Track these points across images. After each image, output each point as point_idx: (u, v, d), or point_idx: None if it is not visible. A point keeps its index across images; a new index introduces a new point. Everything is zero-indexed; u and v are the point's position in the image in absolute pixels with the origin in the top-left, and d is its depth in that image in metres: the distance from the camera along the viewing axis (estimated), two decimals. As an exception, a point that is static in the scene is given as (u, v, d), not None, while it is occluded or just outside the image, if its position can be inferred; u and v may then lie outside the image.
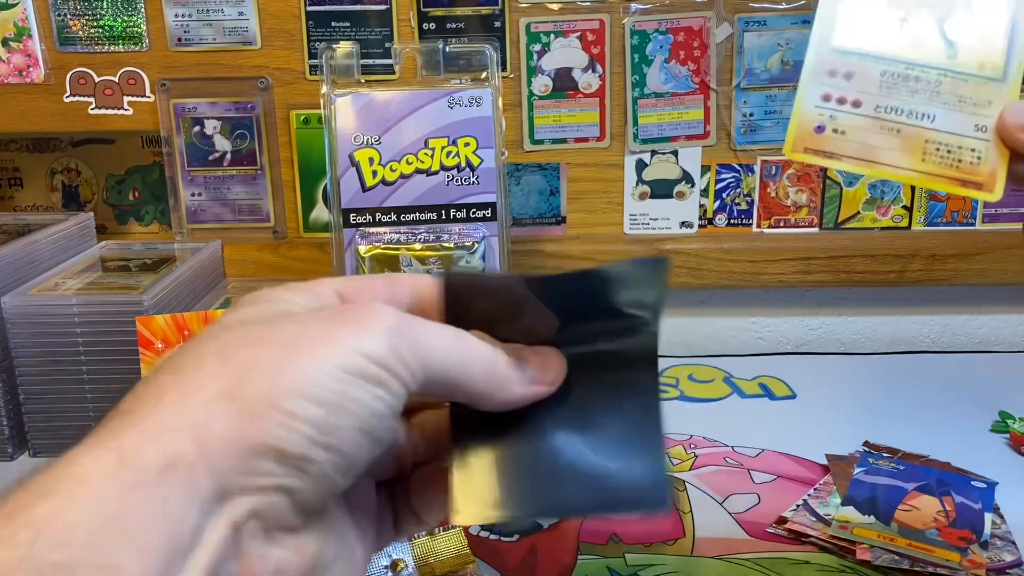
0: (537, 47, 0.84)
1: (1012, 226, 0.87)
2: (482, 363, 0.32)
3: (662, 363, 0.83)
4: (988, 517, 0.56)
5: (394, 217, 0.66)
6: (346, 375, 0.27)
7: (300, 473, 0.26)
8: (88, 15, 0.84)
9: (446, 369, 0.31)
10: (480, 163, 0.67)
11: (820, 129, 0.38)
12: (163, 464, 0.24)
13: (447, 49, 0.70)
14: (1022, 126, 0.36)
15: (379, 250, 0.65)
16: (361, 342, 0.28)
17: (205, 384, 0.26)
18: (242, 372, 0.27)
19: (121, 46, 0.84)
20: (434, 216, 0.67)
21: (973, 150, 0.38)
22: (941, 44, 0.38)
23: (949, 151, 0.38)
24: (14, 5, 0.83)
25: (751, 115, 0.85)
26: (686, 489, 0.62)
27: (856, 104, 0.38)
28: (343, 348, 0.28)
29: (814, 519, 0.57)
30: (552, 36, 0.84)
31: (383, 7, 0.83)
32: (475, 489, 0.34)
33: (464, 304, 0.33)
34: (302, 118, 0.86)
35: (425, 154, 0.66)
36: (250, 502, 0.26)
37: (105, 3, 0.83)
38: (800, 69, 0.88)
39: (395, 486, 0.38)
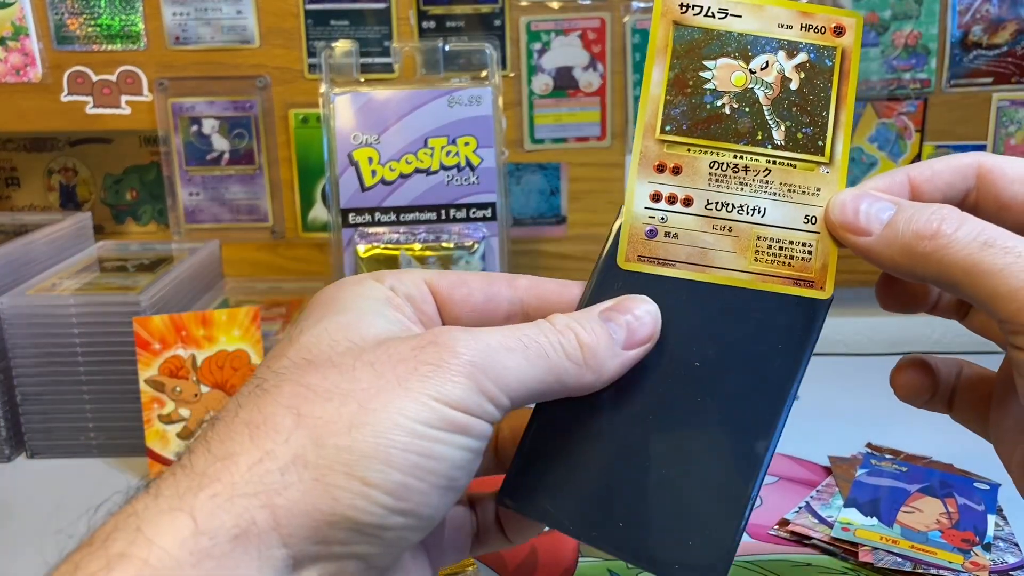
0: (537, 46, 0.84)
1: (1015, 226, 0.87)
2: (569, 359, 0.30)
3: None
4: (991, 519, 0.56)
5: (393, 217, 0.66)
6: (427, 430, 0.26)
7: (375, 540, 0.26)
8: (86, 14, 0.83)
9: (534, 387, 0.30)
10: (480, 163, 0.66)
11: (652, 234, 0.36)
12: (236, 532, 0.24)
13: (447, 48, 0.70)
14: (846, 224, 0.34)
15: (378, 250, 0.65)
16: (442, 388, 0.27)
17: (279, 447, 0.25)
18: (316, 435, 0.26)
19: (119, 45, 0.84)
20: (434, 216, 0.66)
21: (804, 244, 0.35)
22: (768, 125, 0.36)
23: (781, 247, 0.35)
24: (11, 4, 0.83)
25: (752, 114, 0.85)
26: (687, 491, 0.62)
27: (687, 202, 0.36)
28: (423, 399, 0.27)
29: (816, 521, 0.57)
30: (552, 35, 0.84)
31: (382, 5, 0.83)
32: (533, 479, 0.33)
33: None
34: (301, 117, 0.85)
35: (425, 153, 0.66)
36: (322, 569, 0.25)
37: (103, 2, 0.83)
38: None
39: (480, 499, 0.37)
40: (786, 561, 0.54)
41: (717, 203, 0.36)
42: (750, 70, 0.36)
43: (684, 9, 0.37)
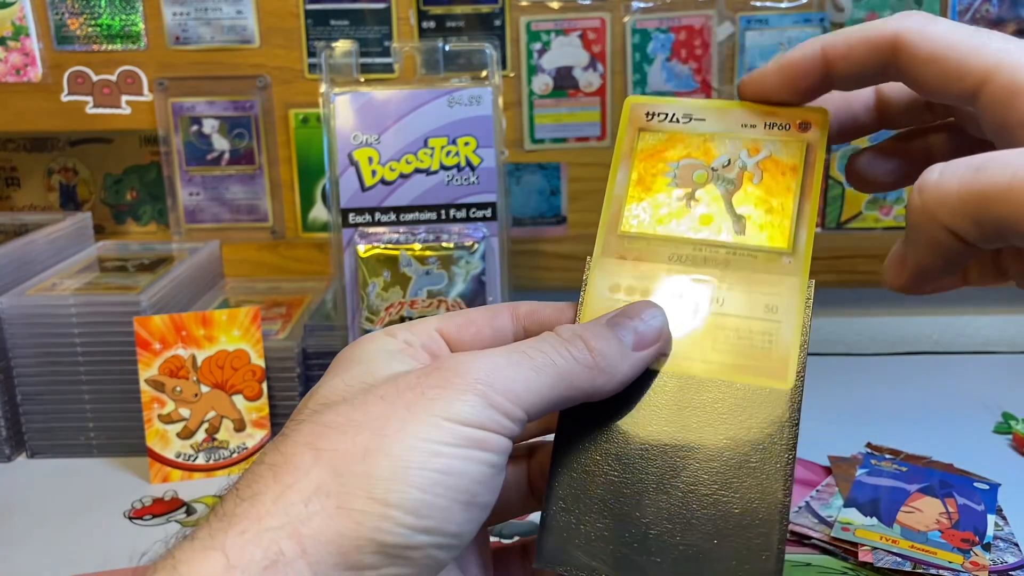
0: (537, 46, 0.84)
1: (1015, 226, 0.87)
2: (579, 363, 0.31)
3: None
4: (991, 519, 0.56)
5: (393, 217, 0.66)
6: (441, 447, 0.27)
7: (404, 561, 0.26)
8: (86, 14, 0.83)
9: (547, 395, 0.30)
10: (480, 162, 0.66)
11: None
12: (266, 563, 0.25)
13: (447, 48, 0.70)
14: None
15: (378, 250, 0.65)
16: (451, 408, 0.28)
17: (300, 481, 0.26)
18: (334, 466, 0.26)
19: (119, 45, 0.84)
20: (434, 216, 0.66)
21: (764, 334, 0.35)
22: (729, 219, 0.36)
23: (739, 337, 0.35)
24: (11, 4, 0.83)
25: (752, 114, 0.85)
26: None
27: (645, 293, 0.35)
28: (434, 420, 0.27)
29: (816, 521, 0.57)
30: (552, 35, 0.84)
31: (382, 5, 0.83)
32: (563, 534, 0.33)
33: None
34: (301, 117, 0.85)
35: (425, 153, 0.66)
36: None
37: (103, 2, 0.83)
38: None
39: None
40: (786, 561, 0.54)
41: (676, 294, 0.35)
42: (712, 168, 0.37)
43: (650, 117, 0.38)
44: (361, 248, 0.65)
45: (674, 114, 0.38)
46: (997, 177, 0.27)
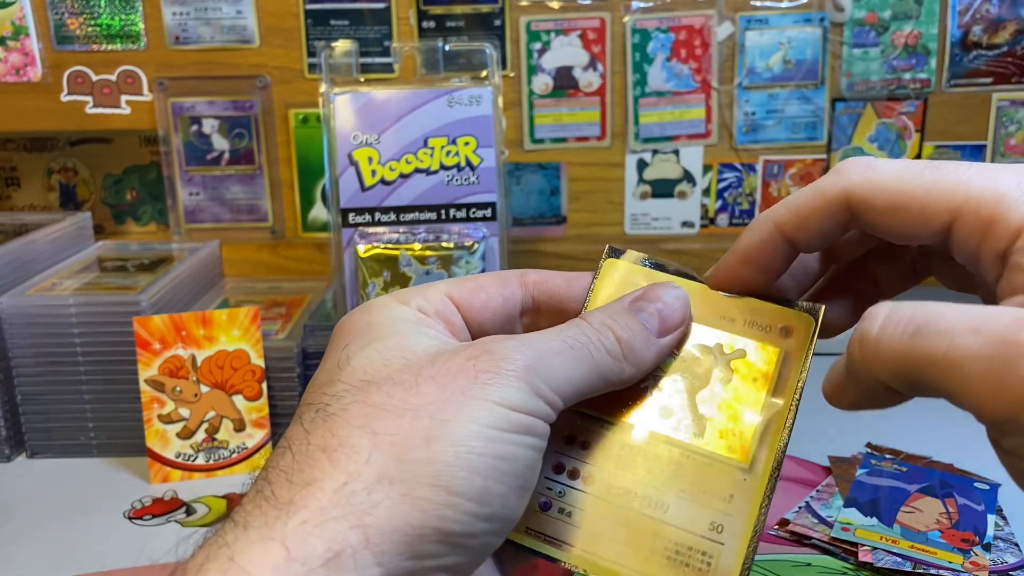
0: (537, 45, 0.84)
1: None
2: (610, 355, 0.31)
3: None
4: (991, 519, 0.56)
5: (393, 217, 0.66)
6: (499, 433, 0.27)
7: (464, 549, 0.26)
8: (86, 14, 0.83)
9: (581, 385, 0.30)
10: (480, 162, 0.66)
11: (546, 506, 0.33)
12: (329, 555, 0.24)
13: (447, 47, 0.70)
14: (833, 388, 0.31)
15: (378, 250, 0.65)
16: (505, 393, 0.28)
17: (361, 467, 0.26)
18: (396, 452, 0.26)
19: (119, 45, 0.84)
20: (433, 216, 0.66)
21: (704, 553, 0.32)
22: (689, 416, 0.33)
23: (678, 552, 0.32)
24: (11, 3, 0.83)
25: (753, 114, 0.85)
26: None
27: (589, 480, 0.33)
28: (488, 405, 0.27)
29: (816, 521, 0.57)
30: (552, 34, 0.84)
31: (382, 5, 0.83)
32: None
33: None
34: (301, 117, 0.85)
35: (425, 153, 0.66)
36: None
37: (103, 2, 0.83)
38: (802, 68, 0.87)
39: None
40: (786, 561, 0.54)
41: (621, 488, 0.33)
42: (681, 357, 0.34)
43: (627, 288, 0.35)
44: (361, 248, 0.65)
45: None
46: (933, 347, 0.25)
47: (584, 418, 0.34)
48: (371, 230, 0.66)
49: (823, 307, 0.34)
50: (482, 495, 0.26)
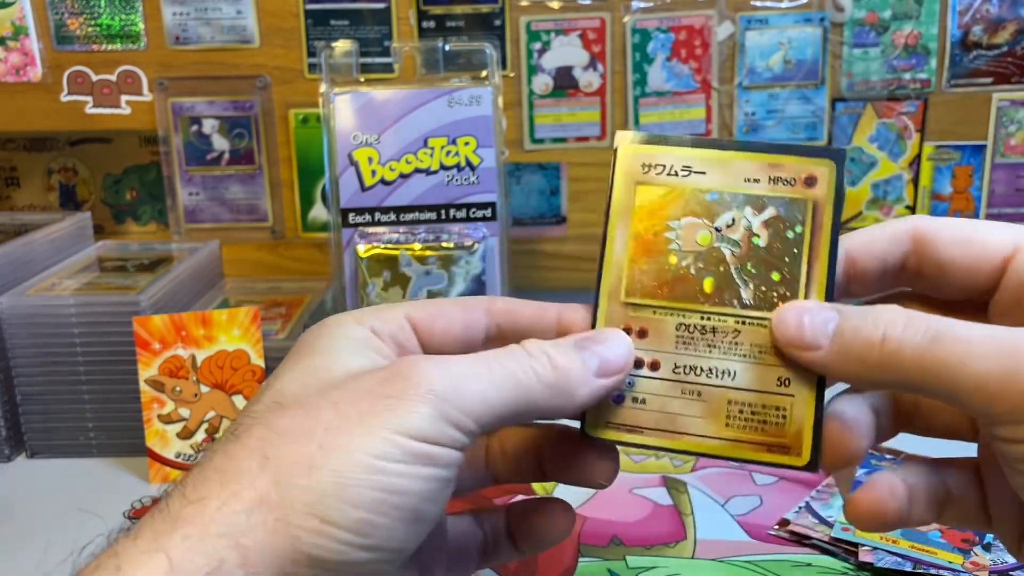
0: (537, 45, 0.84)
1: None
2: (540, 382, 0.30)
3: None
4: (992, 519, 0.56)
5: (393, 217, 0.66)
6: (387, 464, 0.27)
7: None
8: (86, 14, 0.83)
9: (502, 412, 0.30)
10: (480, 162, 0.66)
11: (619, 399, 0.34)
12: (207, 570, 0.25)
13: (447, 47, 0.70)
14: (792, 341, 0.32)
15: (378, 250, 0.65)
16: (403, 421, 0.27)
17: (244, 489, 0.26)
18: (278, 477, 0.26)
19: (119, 45, 0.84)
20: (433, 216, 0.66)
21: (777, 408, 0.34)
22: (736, 285, 0.34)
23: (753, 412, 0.34)
24: (11, 4, 0.83)
25: (753, 114, 0.85)
26: (688, 491, 0.62)
27: (654, 366, 0.34)
28: (384, 434, 0.27)
29: (816, 521, 0.57)
30: (552, 34, 0.84)
31: (382, 5, 0.83)
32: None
33: None
34: (301, 117, 0.85)
35: (424, 153, 0.66)
36: None
37: (103, 2, 0.83)
38: (802, 68, 0.87)
39: (488, 513, 0.38)
40: (786, 561, 0.54)
41: (685, 367, 0.34)
42: (715, 228, 0.35)
43: (647, 169, 0.36)
44: (361, 248, 0.65)
45: (672, 166, 0.36)
46: (952, 350, 0.29)
47: (636, 308, 0.35)
48: (371, 230, 0.66)
49: (844, 149, 0.37)
50: (361, 526, 0.26)
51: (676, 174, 0.36)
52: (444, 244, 0.65)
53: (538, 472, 0.37)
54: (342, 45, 0.68)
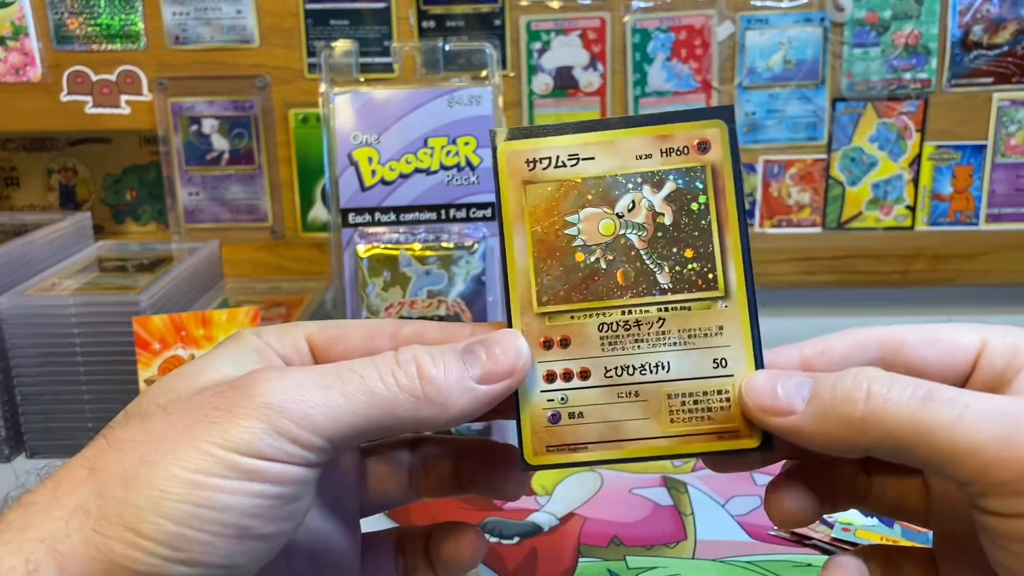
0: (537, 45, 0.84)
1: (1016, 226, 0.87)
2: (404, 391, 0.29)
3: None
4: (992, 520, 0.56)
5: (393, 217, 0.66)
6: (206, 479, 0.26)
7: None
8: (85, 13, 0.83)
9: (358, 424, 0.28)
10: (480, 162, 0.66)
11: (555, 419, 0.32)
12: (23, 573, 0.25)
13: (447, 47, 0.70)
14: (765, 408, 0.30)
15: (378, 250, 0.65)
16: (228, 434, 0.27)
17: (67, 497, 0.27)
18: (99, 487, 0.27)
19: (118, 45, 0.84)
20: (433, 216, 0.66)
21: (719, 392, 0.32)
22: (649, 271, 0.33)
23: (696, 402, 0.32)
24: (11, 3, 0.83)
25: (753, 114, 0.85)
26: (688, 491, 0.62)
27: (584, 375, 0.32)
28: (205, 447, 0.26)
29: (816, 522, 0.57)
30: (552, 34, 0.83)
31: (382, 5, 0.83)
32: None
33: None
34: (300, 117, 0.85)
35: (424, 153, 0.66)
36: None
37: (102, 1, 0.83)
38: (802, 68, 0.87)
39: (409, 535, 0.38)
40: (786, 561, 0.54)
41: (617, 368, 0.32)
42: (617, 215, 0.33)
43: (532, 165, 0.33)
44: (361, 248, 0.65)
45: (558, 157, 0.33)
46: (946, 411, 0.28)
47: (552, 317, 0.33)
48: (371, 230, 0.65)
49: (731, 106, 0.33)
50: (175, 541, 0.26)
51: (564, 165, 0.33)
52: (444, 244, 0.65)
53: (457, 486, 0.37)
54: (342, 45, 0.68)
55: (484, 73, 0.69)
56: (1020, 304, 0.91)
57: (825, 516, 0.57)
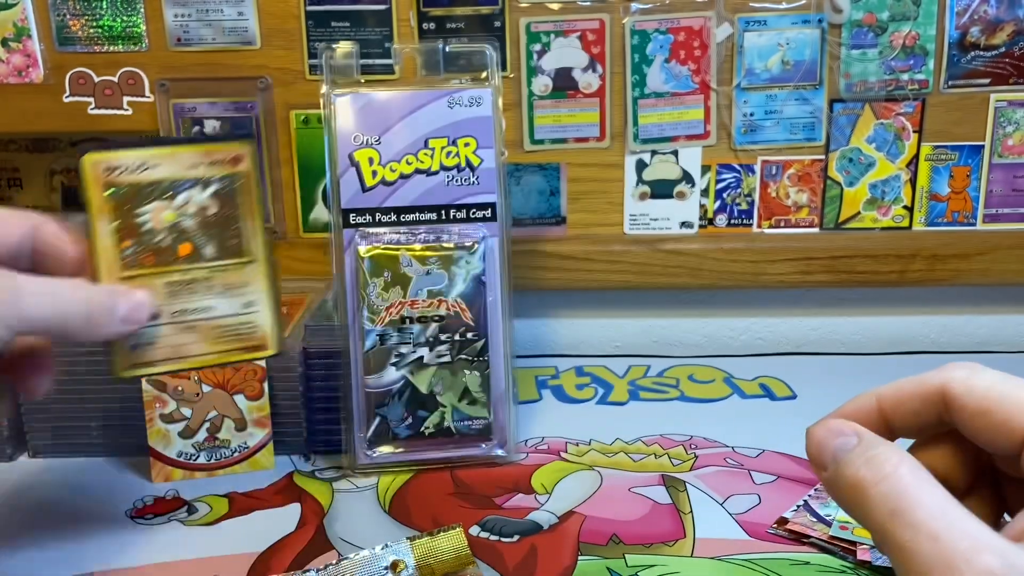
0: (537, 47, 0.84)
1: (1013, 226, 0.87)
2: (79, 312, 0.43)
3: (663, 363, 0.83)
4: (989, 518, 0.56)
5: (394, 217, 0.66)
6: None
7: None
8: (87, 15, 0.84)
9: (46, 320, 0.41)
10: (480, 163, 0.66)
11: (135, 347, 0.48)
12: None
13: (447, 49, 0.70)
14: (811, 457, 0.35)
15: (379, 250, 0.65)
16: None
17: None
18: None
19: (120, 46, 0.84)
20: (434, 216, 0.66)
21: (248, 323, 0.50)
22: (202, 245, 0.49)
23: (232, 329, 0.50)
24: (13, 5, 0.83)
25: (751, 115, 0.85)
26: (687, 490, 0.62)
27: (155, 316, 0.48)
28: None
29: (815, 520, 0.57)
30: (552, 36, 0.84)
31: (383, 7, 0.83)
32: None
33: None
34: (302, 118, 0.86)
35: (425, 154, 0.66)
36: None
37: (104, 3, 0.83)
38: (800, 69, 0.87)
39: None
40: (784, 560, 0.54)
41: (178, 310, 0.49)
42: (175, 207, 0.49)
43: (109, 172, 0.48)
44: (362, 248, 0.65)
45: (130, 166, 0.48)
46: (900, 533, 0.29)
47: (130, 279, 0.48)
48: (372, 231, 0.66)
49: (251, 133, 0.49)
50: None
51: (135, 171, 0.48)
52: (444, 244, 0.66)
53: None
54: (343, 46, 0.68)
55: (484, 74, 0.69)
56: (1017, 304, 0.91)
57: (823, 515, 0.57)
